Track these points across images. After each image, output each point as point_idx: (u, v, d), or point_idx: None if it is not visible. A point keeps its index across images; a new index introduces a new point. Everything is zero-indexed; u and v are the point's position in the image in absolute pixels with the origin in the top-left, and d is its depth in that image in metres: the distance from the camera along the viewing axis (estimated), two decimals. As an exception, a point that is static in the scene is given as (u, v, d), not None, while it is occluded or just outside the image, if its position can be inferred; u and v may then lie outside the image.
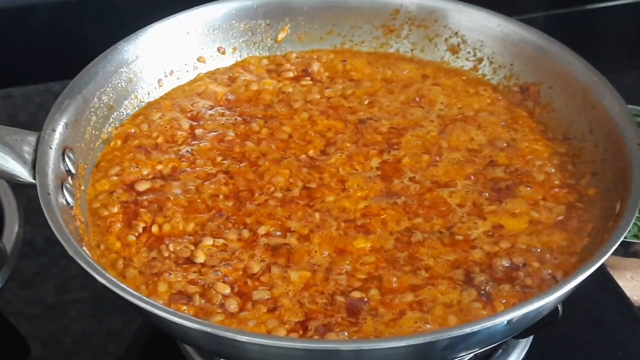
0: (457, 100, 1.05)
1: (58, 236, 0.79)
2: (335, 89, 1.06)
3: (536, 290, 0.83)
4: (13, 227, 0.93)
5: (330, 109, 1.04)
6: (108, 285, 0.75)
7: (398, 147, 0.99)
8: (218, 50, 1.08)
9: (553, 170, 0.96)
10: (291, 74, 1.09)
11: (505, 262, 0.86)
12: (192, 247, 0.87)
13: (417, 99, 1.05)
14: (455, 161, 0.97)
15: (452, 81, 1.08)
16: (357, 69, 1.10)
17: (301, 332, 0.80)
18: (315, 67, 1.09)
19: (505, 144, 0.99)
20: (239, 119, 1.02)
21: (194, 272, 0.84)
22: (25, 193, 0.93)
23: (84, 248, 0.81)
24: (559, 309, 0.83)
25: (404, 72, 1.09)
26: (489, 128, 1.01)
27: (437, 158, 0.97)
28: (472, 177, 0.95)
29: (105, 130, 0.98)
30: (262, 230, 0.88)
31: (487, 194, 0.93)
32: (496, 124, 1.02)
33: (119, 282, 0.77)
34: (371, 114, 1.03)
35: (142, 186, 0.92)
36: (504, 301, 0.82)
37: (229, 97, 1.05)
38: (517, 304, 0.77)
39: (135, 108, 1.02)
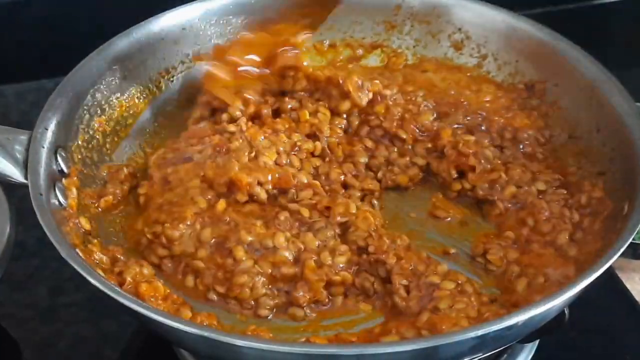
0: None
1: (50, 237, 0.78)
2: None
3: None
4: (4, 229, 0.91)
5: None
6: (102, 288, 0.74)
7: None
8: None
9: None
10: None
11: None
12: None
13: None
14: None
15: (455, 77, 1.06)
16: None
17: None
18: None
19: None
20: None
21: None
22: (16, 193, 0.91)
23: (77, 249, 0.80)
24: (566, 312, 0.82)
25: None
26: (493, 127, 1.00)
27: None
28: None
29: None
30: None
31: None
32: (500, 123, 1.01)
33: (113, 285, 0.76)
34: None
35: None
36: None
37: None
38: (522, 308, 0.75)
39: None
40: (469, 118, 1.00)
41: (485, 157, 0.94)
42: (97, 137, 0.96)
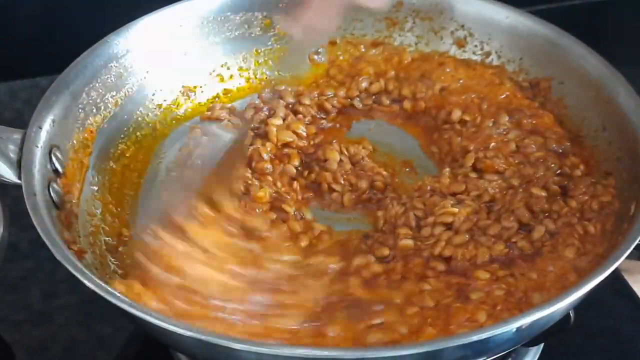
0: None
1: (44, 239, 0.77)
2: None
3: None
4: (-3, 230, 0.91)
5: None
6: (97, 290, 0.74)
7: None
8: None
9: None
10: None
11: None
12: None
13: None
14: None
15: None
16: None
17: None
18: None
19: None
20: None
21: None
22: (10, 193, 0.90)
23: (72, 251, 0.79)
24: (571, 315, 0.81)
25: None
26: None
27: None
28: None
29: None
30: None
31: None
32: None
33: (108, 288, 0.75)
34: None
35: None
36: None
37: None
38: (526, 311, 0.74)
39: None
40: None
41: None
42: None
